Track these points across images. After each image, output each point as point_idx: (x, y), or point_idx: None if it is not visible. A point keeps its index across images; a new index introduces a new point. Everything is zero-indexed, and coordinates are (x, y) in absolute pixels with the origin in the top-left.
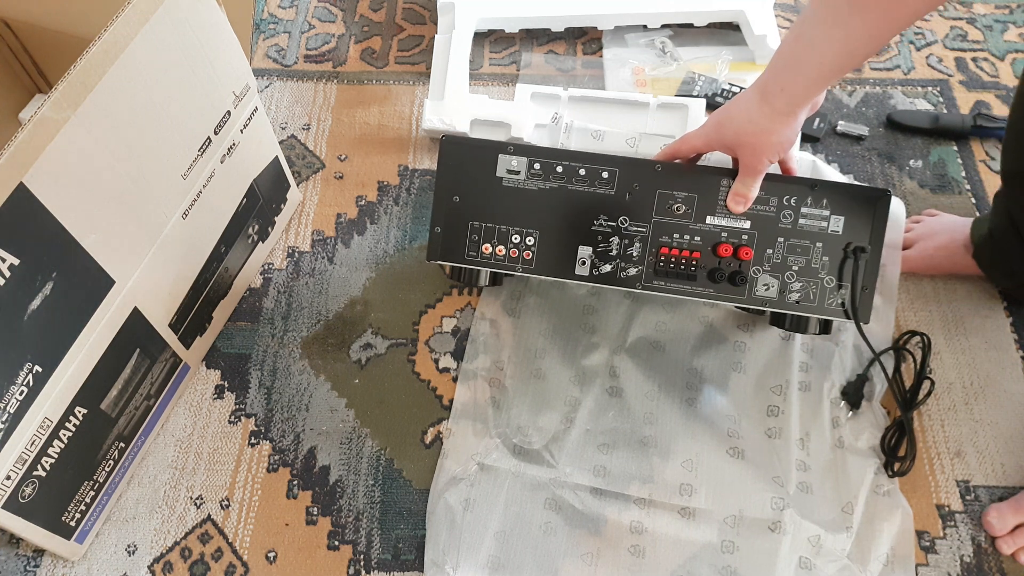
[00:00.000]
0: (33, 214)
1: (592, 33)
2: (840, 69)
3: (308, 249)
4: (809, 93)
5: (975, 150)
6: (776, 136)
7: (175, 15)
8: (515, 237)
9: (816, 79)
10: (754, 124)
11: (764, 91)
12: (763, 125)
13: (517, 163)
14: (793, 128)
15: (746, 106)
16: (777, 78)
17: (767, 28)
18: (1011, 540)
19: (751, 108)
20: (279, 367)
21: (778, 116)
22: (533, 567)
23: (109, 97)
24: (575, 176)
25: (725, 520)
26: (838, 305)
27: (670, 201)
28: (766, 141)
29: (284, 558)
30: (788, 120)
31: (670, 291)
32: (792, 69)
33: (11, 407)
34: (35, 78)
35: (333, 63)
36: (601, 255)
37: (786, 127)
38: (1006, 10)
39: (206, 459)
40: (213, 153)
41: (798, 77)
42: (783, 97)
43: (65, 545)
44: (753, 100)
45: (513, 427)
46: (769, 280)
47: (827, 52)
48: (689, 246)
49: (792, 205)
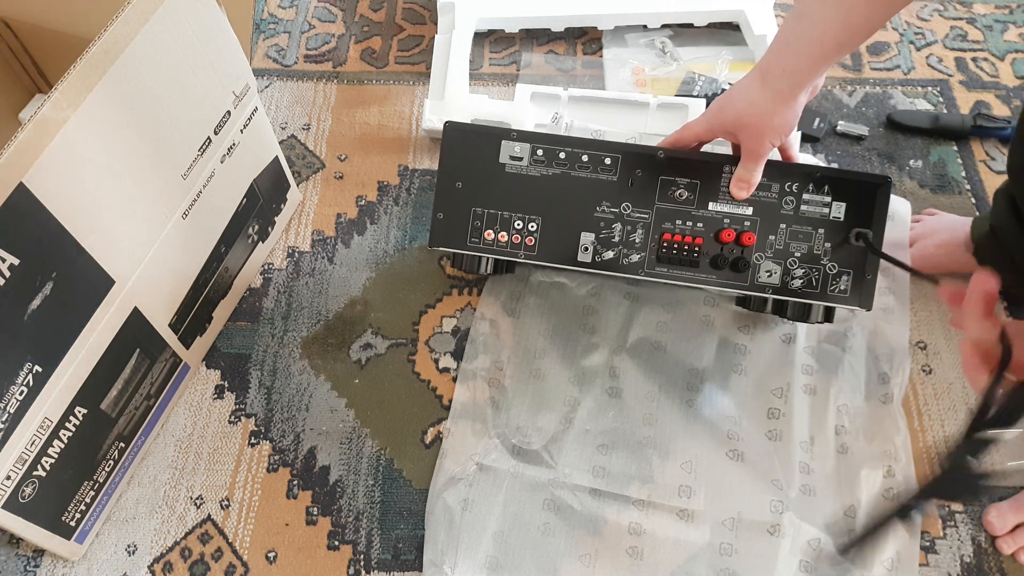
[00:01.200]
0: (33, 214)
1: (592, 33)
2: (841, 47)
3: (308, 249)
4: (810, 72)
5: (975, 150)
6: (778, 118)
7: (175, 15)
8: (517, 223)
9: (817, 57)
10: (755, 106)
11: (765, 72)
12: (764, 107)
13: (520, 149)
14: (794, 110)
15: (747, 89)
16: (779, 58)
17: (767, 28)
18: (1011, 540)
19: (752, 90)
20: (279, 367)
21: (779, 97)
22: (532, 567)
23: (109, 97)
24: (578, 162)
25: (724, 522)
26: (840, 292)
27: (672, 187)
28: (768, 123)
29: (284, 558)
30: (789, 102)
31: (673, 277)
32: (793, 48)
33: (11, 407)
34: (35, 78)
35: (333, 63)
36: (603, 241)
37: (787, 108)
38: (1006, 10)
39: (206, 459)
40: (213, 153)
41: (800, 56)
42: (784, 78)
43: (65, 545)
44: (754, 82)
45: (512, 427)
46: (772, 267)
47: (828, 30)
48: (692, 232)
49: (794, 191)
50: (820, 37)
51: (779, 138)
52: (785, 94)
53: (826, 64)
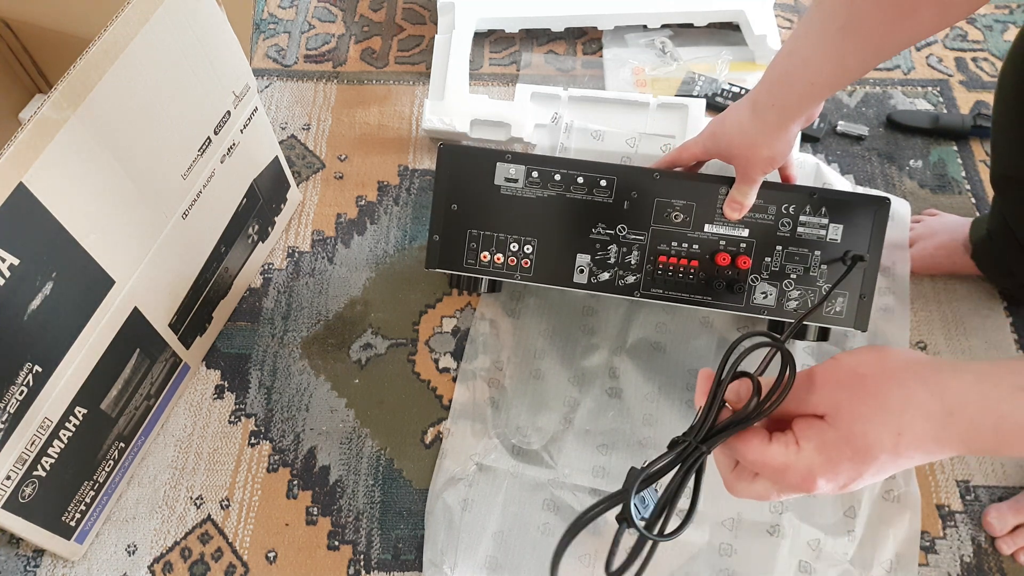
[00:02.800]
0: (33, 214)
1: (592, 33)
2: (832, 87)
3: (308, 249)
4: (801, 108)
5: (975, 150)
6: (767, 150)
7: (175, 15)
8: (513, 245)
9: (807, 96)
10: (745, 136)
11: (755, 105)
12: (754, 138)
13: (515, 171)
14: (785, 141)
15: (738, 118)
16: (769, 93)
17: (767, 28)
18: (1011, 540)
19: (743, 120)
20: (279, 367)
21: (769, 130)
22: (531, 567)
23: (109, 97)
24: (573, 184)
25: (723, 522)
26: (836, 313)
27: (668, 209)
28: (757, 154)
29: (284, 558)
30: (779, 134)
31: (668, 299)
32: (784, 85)
33: (11, 407)
34: (35, 78)
35: (333, 63)
36: (599, 263)
37: (777, 140)
38: (1006, 10)
39: (206, 459)
40: (213, 153)
41: (790, 93)
42: (774, 112)
43: (65, 545)
44: (745, 113)
45: (512, 427)
46: (767, 288)
47: (819, 71)
48: (687, 254)
49: (791, 213)
50: (812, 78)
51: (770, 167)
52: (775, 126)
53: (818, 101)
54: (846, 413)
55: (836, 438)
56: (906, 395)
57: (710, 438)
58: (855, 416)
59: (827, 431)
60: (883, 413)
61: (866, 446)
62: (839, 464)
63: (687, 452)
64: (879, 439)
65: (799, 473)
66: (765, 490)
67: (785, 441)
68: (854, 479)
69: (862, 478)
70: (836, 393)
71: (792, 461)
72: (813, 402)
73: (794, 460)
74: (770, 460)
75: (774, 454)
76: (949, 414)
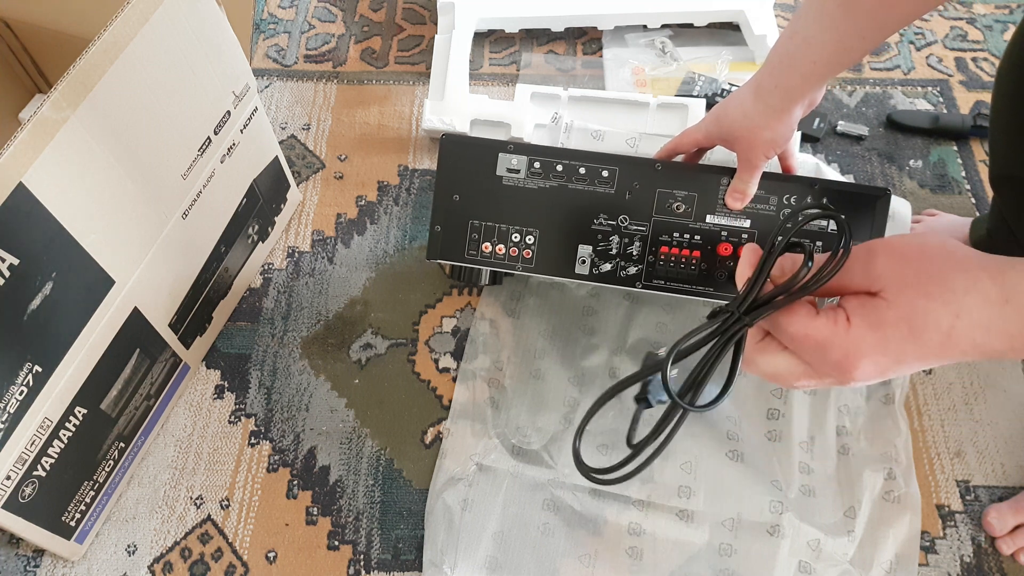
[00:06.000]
0: (33, 214)
1: (592, 33)
2: (834, 67)
3: (308, 249)
4: (803, 90)
5: (975, 150)
6: (770, 132)
7: (175, 15)
8: (515, 236)
9: (810, 77)
10: (748, 119)
11: (758, 87)
12: (757, 121)
13: (517, 162)
14: (787, 124)
15: (741, 102)
16: (771, 75)
17: (767, 28)
18: (1011, 540)
19: (746, 103)
20: (279, 367)
21: (772, 112)
22: (531, 568)
23: (109, 97)
24: (575, 175)
25: (723, 523)
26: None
27: (670, 200)
28: (760, 137)
29: (284, 558)
30: (782, 116)
31: (670, 290)
32: (786, 66)
33: (11, 407)
34: (35, 78)
35: (333, 63)
36: (601, 254)
37: (780, 123)
38: (1006, 10)
39: (206, 459)
40: (213, 153)
41: (792, 75)
42: (777, 94)
43: (65, 545)
44: (748, 96)
45: (512, 427)
46: None
47: (821, 51)
48: (689, 245)
49: (792, 204)
50: (814, 57)
51: (772, 151)
52: (778, 109)
53: (820, 82)
54: (911, 289)
55: (895, 316)
56: (971, 278)
57: (754, 309)
58: (920, 293)
59: (884, 308)
60: (948, 292)
61: (924, 326)
62: (889, 344)
63: (729, 323)
64: (938, 320)
65: (842, 350)
66: (787, 367)
67: (835, 316)
68: (897, 364)
69: (906, 363)
70: (903, 268)
71: (838, 337)
72: (873, 276)
73: (842, 336)
74: (814, 332)
75: (819, 326)
76: (1006, 301)
